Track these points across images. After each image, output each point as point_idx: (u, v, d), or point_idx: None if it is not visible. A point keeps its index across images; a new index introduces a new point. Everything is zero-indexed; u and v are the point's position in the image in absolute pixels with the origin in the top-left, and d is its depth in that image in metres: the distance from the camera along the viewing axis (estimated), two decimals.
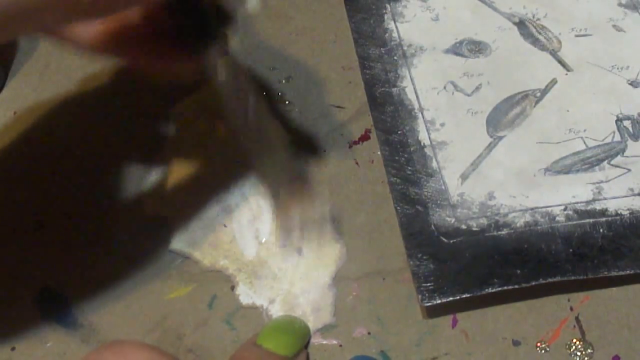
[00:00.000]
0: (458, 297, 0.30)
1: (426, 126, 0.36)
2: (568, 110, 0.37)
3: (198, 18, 0.27)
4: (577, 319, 0.31)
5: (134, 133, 0.37)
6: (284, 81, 0.39)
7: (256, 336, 0.29)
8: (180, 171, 0.36)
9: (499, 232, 0.32)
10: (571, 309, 0.31)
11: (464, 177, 0.34)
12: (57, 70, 0.40)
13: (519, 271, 0.31)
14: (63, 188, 0.35)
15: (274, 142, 0.31)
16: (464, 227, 0.33)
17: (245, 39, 0.40)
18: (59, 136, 0.37)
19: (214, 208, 0.34)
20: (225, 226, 0.34)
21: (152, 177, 0.35)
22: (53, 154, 0.36)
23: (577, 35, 0.40)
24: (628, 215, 0.33)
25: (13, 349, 0.31)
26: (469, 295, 0.30)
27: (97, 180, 0.35)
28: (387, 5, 0.42)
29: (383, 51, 0.40)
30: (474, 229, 0.33)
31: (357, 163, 0.36)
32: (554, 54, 0.39)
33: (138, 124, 0.37)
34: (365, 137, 0.37)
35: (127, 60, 0.28)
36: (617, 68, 0.39)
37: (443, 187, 0.34)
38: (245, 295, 0.32)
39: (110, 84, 0.39)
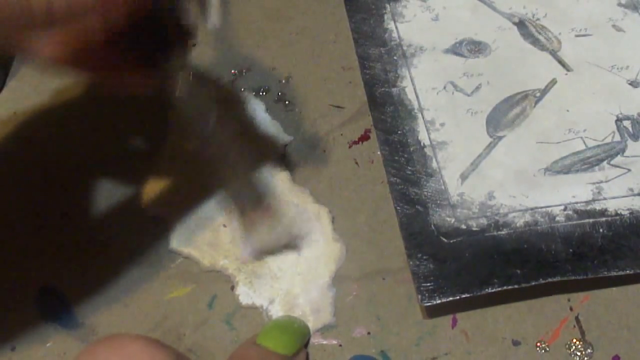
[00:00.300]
0: (458, 297, 0.30)
1: (426, 126, 0.36)
2: (568, 110, 0.37)
3: (158, 33, 0.27)
4: (577, 319, 0.31)
5: (134, 133, 0.37)
6: (284, 81, 0.39)
7: (256, 336, 0.29)
8: (179, 172, 0.36)
9: (499, 232, 0.32)
10: (571, 309, 0.31)
11: (464, 177, 0.34)
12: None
13: (519, 271, 0.31)
14: (63, 188, 0.35)
15: (236, 161, 0.30)
16: (463, 227, 0.33)
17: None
18: (59, 136, 0.37)
19: (214, 209, 0.34)
20: (225, 227, 0.34)
21: (153, 177, 0.35)
22: (53, 154, 0.36)
23: (577, 35, 0.40)
24: (628, 215, 0.33)
25: (13, 349, 0.31)
26: (469, 295, 0.30)
27: (97, 181, 0.35)
28: (387, 5, 0.42)
29: (383, 51, 0.40)
30: (474, 229, 0.33)
31: (357, 163, 0.36)
32: (553, 54, 0.39)
33: (138, 125, 0.37)
34: (365, 137, 0.37)
35: (88, 74, 0.29)
36: (617, 68, 0.39)
37: (443, 187, 0.34)
38: (245, 295, 0.32)
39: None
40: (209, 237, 0.33)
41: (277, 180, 0.35)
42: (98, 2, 0.22)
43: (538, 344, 0.30)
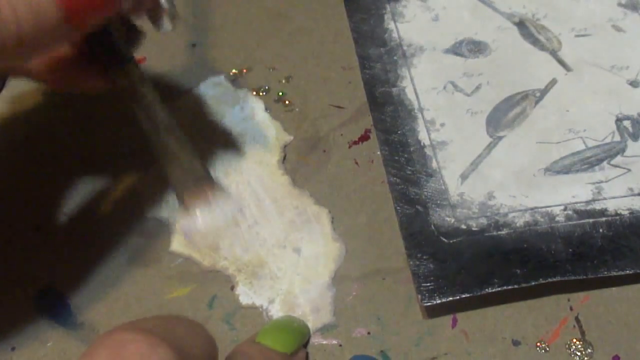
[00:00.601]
0: (458, 297, 0.30)
1: (426, 126, 0.36)
2: (568, 110, 0.37)
3: (107, 39, 0.30)
4: (577, 318, 0.31)
5: (133, 133, 0.37)
6: (284, 81, 0.39)
7: (255, 335, 0.29)
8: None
9: (499, 232, 0.32)
10: (571, 308, 0.31)
11: (464, 177, 0.34)
12: None
13: (518, 271, 0.31)
14: (63, 188, 0.35)
15: (180, 149, 0.32)
16: (463, 227, 0.33)
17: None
18: (58, 136, 0.37)
19: None
20: (224, 228, 0.34)
21: (150, 178, 0.35)
22: (53, 155, 0.37)
23: (577, 35, 0.40)
24: (628, 215, 0.33)
25: (13, 349, 0.31)
26: (469, 295, 0.30)
27: (97, 181, 0.35)
28: (387, 5, 0.42)
29: (383, 51, 0.40)
30: (474, 228, 0.33)
31: (357, 163, 0.36)
32: (554, 54, 0.39)
33: (137, 124, 0.37)
34: (365, 137, 0.37)
35: (48, 82, 0.32)
36: (617, 68, 0.39)
37: (443, 187, 0.34)
38: (245, 295, 0.32)
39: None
40: (208, 238, 0.33)
41: (276, 182, 0.35)
42: (61, 21, 0.24)
43: (538, 344, 0.30)
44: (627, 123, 0.36)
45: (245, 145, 0.36)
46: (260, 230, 0.33)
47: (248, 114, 0.37)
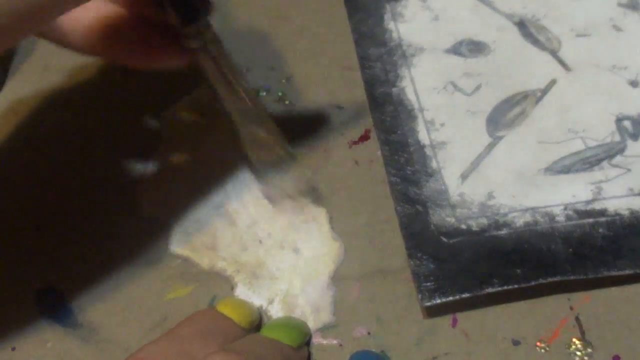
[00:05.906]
0: (458, 297, 0.30)
1: (426, 126, 0.36)
2: (568, 110, 0.37)
3: (181, 8, 0.27)
4: (577, 318, 0.31)
5: (132, 133, 0.37)
6: (284, 81, 0.39)
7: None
8: (176, 173, 0.36)
9: (499, 232, 0.32)
10: (571, 308, 0.31)
11: (464, 177, 0.34)
12: (56, 70, 0.40)
13: (519, 271, 0.31)
14: (63, 188, 0.35)
15: (254, 114, 0.31)
16: (463, 227, 0.33)
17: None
18: (58, 136, 0.37)
19: (211, 211, 0.34)
20: (222, 229, 0.34)
21: (149, 178, 0.35)
22: (52, 154, 0.37)
23: (577, 35, 0.40)
24: (628, 215, 0.33)
25: (13, 349, 0.31)
26: (469, 295, 0.30)
27: (97, 180, 0.35)
28: (387, 5, 0.42)
29: (383, 51, 0.40)
30: (474, 228, 0.33)
31: (357, 163, 0.36)
32: (554, 54, 0.39)
33: (136, 125, 0.37)
34: (365, 137, 0.37)
35: (120, 59, 0.29)
36: (617, 68, 0.38)
37: (443, 187, 0.34)
38: (245, 296, 0.32)
39: (108, 85, 0.39)
40: (207, 239, 0.33)
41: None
42: None
43: (538, 344, 0.30)
44: (627, 123, 0.36)
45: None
46: (258, 231, 0.33)
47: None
